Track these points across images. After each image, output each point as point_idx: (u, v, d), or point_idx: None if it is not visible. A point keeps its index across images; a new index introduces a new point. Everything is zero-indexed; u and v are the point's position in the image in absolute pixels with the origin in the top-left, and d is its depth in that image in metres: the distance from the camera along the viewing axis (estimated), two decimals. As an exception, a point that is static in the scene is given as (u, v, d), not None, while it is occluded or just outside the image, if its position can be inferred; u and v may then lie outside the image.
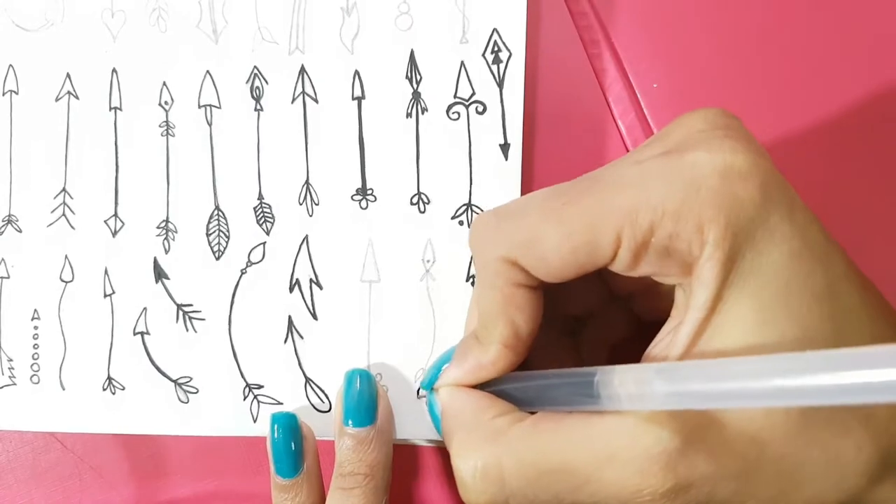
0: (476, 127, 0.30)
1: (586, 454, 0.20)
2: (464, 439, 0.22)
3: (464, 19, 0.31)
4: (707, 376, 0.17)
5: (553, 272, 0.21)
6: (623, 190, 0.20)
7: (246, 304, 0.31)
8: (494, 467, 0.21)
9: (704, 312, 0.19)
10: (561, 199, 0.21)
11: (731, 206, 0.19)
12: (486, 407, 0.23)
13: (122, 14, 0.32)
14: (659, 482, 0.19)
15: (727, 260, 0.19)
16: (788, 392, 0.15)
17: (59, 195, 0.32)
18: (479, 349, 0.23)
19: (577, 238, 0.20)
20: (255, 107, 0.31)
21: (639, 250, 0.20)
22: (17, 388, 0.32)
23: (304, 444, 0.29)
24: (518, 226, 0.21)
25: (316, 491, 0.29)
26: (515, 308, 0.22)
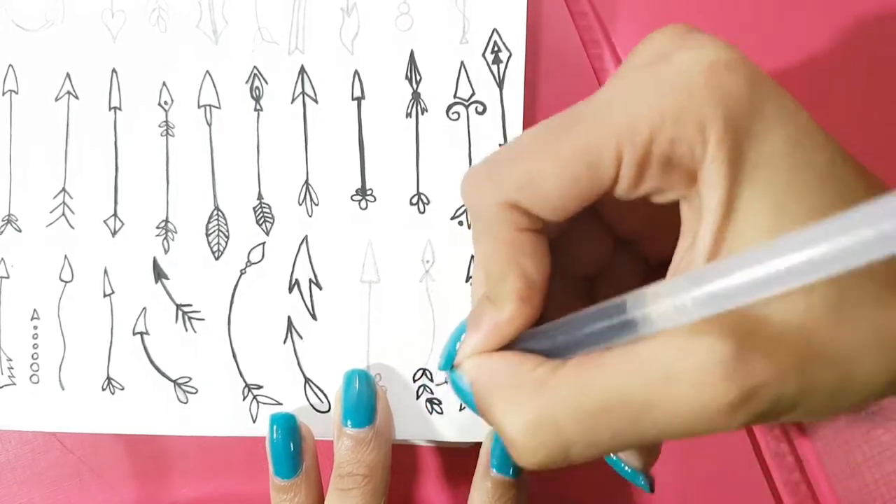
0: (476, 127, 0.30)
1: (639, 381, 0.18)
2: (505, 399, 0.20)
3: (464, 19, 0.31)
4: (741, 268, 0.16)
5: (556, 207, 0.20)
6: (616, 107, 0.19)
7: (245, 304, 0.31)
8: (547, 418, 0.19)
9: (720, 213, 0.19)
10: (553, 131, 0.20)
11: (726, 101, 0.18)
12: (521, 362, 0.21)
13: (122, 14, 0.32)
14: (722, 393, 0.18)
15: (732, 156, 0.18)
16: (827, 260, 0.15)
17: (58, 195, 0.32)
18: (493, 309, 0.22)
19: (577, 164, 0.19)
20: (255, 107, 0.31)
21: (641, 163, 0.19)
22: (16, 387, 0.32)
23: (302, 445, 0.29)
24: (512, 167, 0.20)
25: (315, 491, 0.29)
26: (523, 256, 0.21)
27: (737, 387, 0.18)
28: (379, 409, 0.29)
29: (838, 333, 0.19)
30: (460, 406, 0.30)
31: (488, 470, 0.29)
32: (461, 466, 0.33)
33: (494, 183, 0.21)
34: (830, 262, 0.15)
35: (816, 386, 0.19)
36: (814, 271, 0.15)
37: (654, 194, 0.20)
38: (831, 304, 0.18)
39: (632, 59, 0.21)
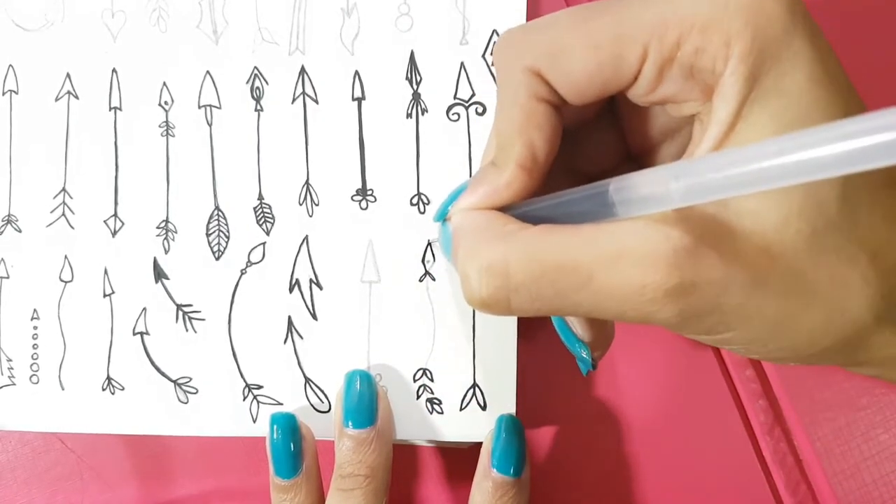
0: (476, 128, 0.30)
1: (593, 251, 0.19)
2: (471, 242, 0.22)
3: (464, 20, 0.31)
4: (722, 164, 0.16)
5: (577, 87, 0.21)
6: (652, 4, 0.20)
7: (246, 304, 0.31)
8: (500, 262, 0.20)
9: (724, 127, 0.19)
10: (589, 11, 0.20)
11: (758, 22, 0.19)
12: (498, 218, 0.22)
13: (122, 14, 0.32)
14: (663, 278, 0.18)
15: (751, 75, 0.19)
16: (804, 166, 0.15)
17: (58, 195, 0.32)
18: (495, 172, 0.22)
19: (604, 51, 0.20)
20: (256, 107, 0.31)
21: (664, 66, 0.20)
22: (16, 388, 0.32)
23: (303, 445, 0.29)
24: (545, 37, 0.21)
25: (315, 491, 0.29)
26: (534, 126, 0.22)
27: (678, 276, 0.18)
28: (380, 409, 0.29)
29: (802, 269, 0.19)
30: (460, 406, 0.30)
31: (489, 470, 0.29)
32: (461, 466, 0.33)
33: (525, 46, 0.21)
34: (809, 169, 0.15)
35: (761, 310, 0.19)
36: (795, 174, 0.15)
37: (670, 103, 0.21)
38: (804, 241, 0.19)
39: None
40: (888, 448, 0.31)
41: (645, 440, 0.32)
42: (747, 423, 0.32)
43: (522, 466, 0.29)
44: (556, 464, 0.33)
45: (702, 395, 0.32)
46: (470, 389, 0.30)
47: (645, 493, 0.32)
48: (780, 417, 0.32)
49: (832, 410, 0.32)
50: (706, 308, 0.19)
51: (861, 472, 0.31)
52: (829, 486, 0.31)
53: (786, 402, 0.32)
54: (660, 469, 0.32)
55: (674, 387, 0.33)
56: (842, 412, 0.32)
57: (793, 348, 0.20)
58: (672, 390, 0.33)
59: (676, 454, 0.32)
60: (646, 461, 0.32)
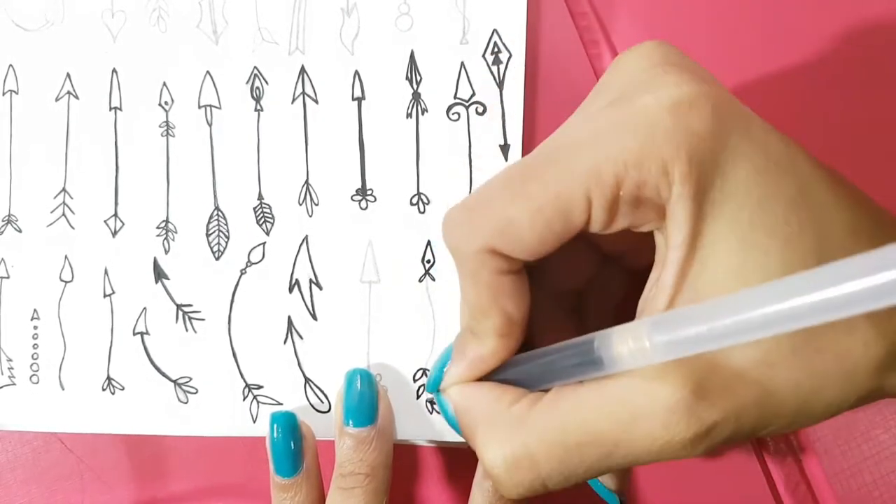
0: (476, 128, 0.30)
1: (609, 421, 0.20)
2: (487, 434, 0.22)
3: (464, 20, 0.31)
4: (698, 319, 0.17)
5: (532, 250, 0.21)
6: (581, 151, 0.20)
7: (246, 304, 0.31)
8: (524, 456, 0.21)
9: (684, 250, 0.19)
10: (523, 177, 0.21)
11: (689, 140, 0.19)
12: (500, 396, 0.23)
13: (122, 14, 0.32)
14: (684, 430, 0.19)
15: (696, 194, 0.19)
16: (780, 318, 0.15)
17: (59, 195, 0.32)
18: (477, 342, 0.23)
19: (548, 211, 0.20)
20: (256, 107, 0.31)
21: (611, 206, 0.20)
22: (16, 387, 0.32)
23: (303, 444, 0.29)
24: (488, 214, 0.21)
25: (315, 490, 0.29)
26: (504, 296, 0.22)
27: (696, 424, 0.19)
28: (381, 408, 0.29)
29: (803, 362, 0.19)
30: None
31: None
32: (462, 466, 0.33)
33: (472, 229, 0.21)
34: (787, 320, 0.16)
35: (777, 414, 0.20)
36: (770, 326, 0.16)
37: (630, 227, 0.21)
38: (798, 336, 0.19)
39: (598, 91, 0.22)
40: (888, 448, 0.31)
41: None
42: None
43: None
44: (556, 464, 0.33)
45: (702, 394, 0.32)
46: (470, 389, 0.30)
47: (645, 493, 0.32)
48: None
49: (832, 410, 0.32)
50: (730, 434, 0.20)
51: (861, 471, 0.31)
52: (829, 486, 0.31)
53: (786, 401, 0.32)
54: (659, 469, 0.32)
55: (674, 387, 0.33)
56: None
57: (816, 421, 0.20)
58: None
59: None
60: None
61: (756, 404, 0.19)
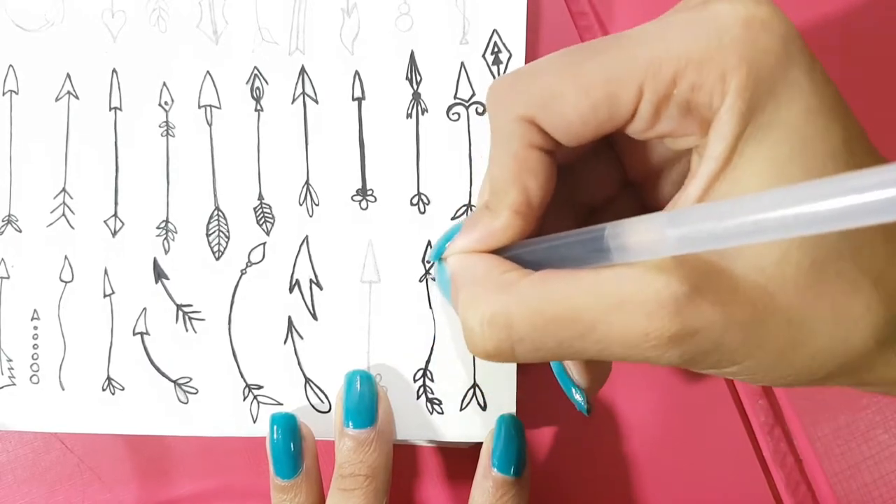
0: (476, 127, 0.30)
1: (594, 300, 0.19)
2: (472, 292, 0.22)
3: (464, 20, 0.31)
4: (718, 214, 0.16)
5: (572, 131, 0.21)
6: (645, 43, 0.19)
7: (246, 304, 0.31)
8: (502, 314, 0.21)
9: (720, 163, 0.19)
10: (581, 55, 0.20)
11: (753, 56, 0.18)
12: (495, 265, 0.22)
13: (122, 14, 0.32)
14: (665, 325, 0.19)
15: (747, 110, 0.19)
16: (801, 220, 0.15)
17: (59, 195, 0.32)
18: (490, 216, 0.23)
19: (598, 92, 0.20)
20: (256, 107, 0.31)
21: (660, 103, 0.19)
22: (16, 388, 0.32)
23: (303, 445, 0.29)
24: (537, 83, 0.21)
25: (315, 491, 0.29)
26: (529, 173, 0.22)
27: (680, 323, 0.18)
28: (380, 409, 0.29)
29: (803, 302, 0.19)
30: (460, 406, 0.30)
31: (489, 469, 0.29)
32: (462, 466, 0.33)
33: (516, 95, 0.21)
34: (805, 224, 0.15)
35: (763, 344, 0.19)
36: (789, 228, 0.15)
37: (668, 138, 0.21)
38: (804, 274, 0.19)
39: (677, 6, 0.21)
40: (888, 448, 0.31)
41: (645, 440, 0.32)
42: (747, 423, 0.32)
43: (523, 466, 0.29)
44: (556, 464, 0.33)
45: (702, 395, 0.32)
46: (470, 389, 0.30)
47: (645, 494, 0.32)
48: (780, 417, 0.32)
49: (832, 410, 0.32)
50: (709, 349, 0.19)
51: (861, 472, 0.31)
52: (829, 486, 0.31)
53: (786, 402, 0.32)
54: (660, 469, 0.32)
55: (673, 387, 0.33)
56: (842, 412, 0.32)
57: (796, 375, 0.20)
58: (672, 391, 0.33)
59: (676, 454, 0.32)
60: (646, 461, 0.32)
61: (744, 325, 0.19)
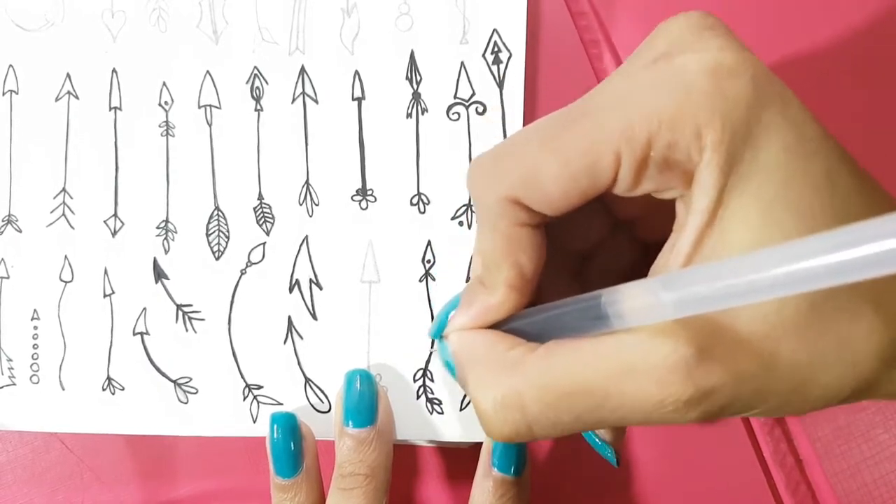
0: (476, 127, 0.30)
1: (602, 372, 0.19)
2: (480, 374, 0.22)
3: (464, 20, 0.31)
4: (711, 277, 0.16)
5: (556, 204, 0.21)
6: (616, 107, 0.19)
7: (246, 304, 0.31)
8: (514, 396, 0.21)
9: (706, 217, 0.19)
10: (555, 129, 0.20)
11: (724, 107, 0.18)
12: (499, 342, 0.22)
13: (122, 14, 0.32)
14: (679, 391, 0.19)
15: (726, 163, 0.19)
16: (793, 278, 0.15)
17: (59, 195, 0.32)
18: (485, 293, 0.23)
19: (576, 164, 0.20)
20: (256, 107, 0.31)
21: (639, 166, 0.19)
22: (16, 388, 0.32)
23: (303, 444, 0.29)
24: (516, 162, 0.21)
25: (315, 491, 0.29)
26: (519, 249, 0.22)
27: (693, 387, 0.19)
28: (380, 409, 0.29)
29: (806, 342, 0.19)
30: (460, 406, 0.30)
31: (489, 469, 0.29)
32: (462, 466, 0.33)
33: (497, 176, 0.21)
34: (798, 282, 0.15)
35: (774, 390, 0.19)
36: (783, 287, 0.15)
37: (653, 193, 0.21)
38: (804, 314, 0.19)
39: (641, 52, 0.21)
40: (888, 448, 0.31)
41: (644, 440, 0.32)
42: (747, 423, 0.32)
43: (523, 466, 0.29)
44: (556, 464, 0.33)
45: (702, 394, 0.32)
46: (470, 389, 0.30)
47: (645, 493, 0.32)
48: (780, 418, 0.32)
49: (832, 410, 0.32)
50: (725, 404, 0.19)
51: (861, 472, 0.31)
52: (829, 486, 0.31)
53: (786, 401, 0.32)
54: (660, 469, 0.32)
55: (674, 387, 0.33)
56: (842, 412, 0.32)
57: (812, 406, 0.20)
58: (672, 390, 0.33)
59: (676, 454, 0.32)
60: (646, 461, 0.32)
61: (755, 376, 0.19)
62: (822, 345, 0.19)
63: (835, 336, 0.19)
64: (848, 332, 0.19)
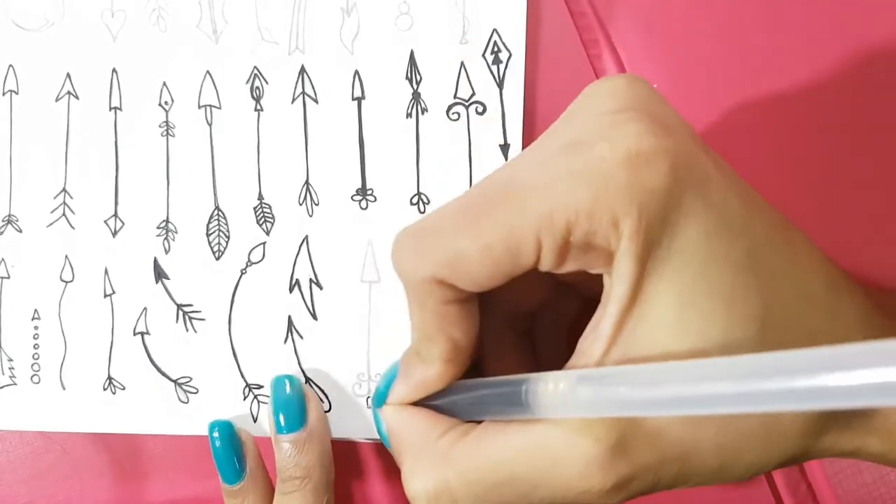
0: (476, 127, 0.30)
1: (528, 464, 0.20)
2: (412, 463, 0.23)
3: (464, 19, 0.31)
4: (627, 383, 0.17)
5: (480, 283, 0.21)
6: (535, 194, 0.20)
7: (246, 304, 0.31)
8: (444, 490, 0.22)
9: (623, 304, 0.19)
10: (475, 212, 0.20)
11: (641, 198, 0.19)
12: (431, 426, 0.23)
13: (122, 14, 0.32)
14: (601, 482, 0.19)
15: (642, 251, 0.19)
16: (701, 400, 0.16)
17: (59, 195, 0.32)
18: (422, 365, 0.23)
19: (498, 248, 0.20)
20: (255, 107, 0.31)
21: (560, 250, 0.20)
22: (17, 387, 0.32)
23: (243, 450, 0.30)
24: (437, 244, 0.21)
25: (263, 493, 0.30)
26: (450, 324, 0.22)
27: (614, 477, 0.19)
28: (310, 409, 0.29)
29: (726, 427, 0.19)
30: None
31: None
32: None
33: (420, 258, 0.21)
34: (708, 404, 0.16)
35: (696, 472, 0.20)
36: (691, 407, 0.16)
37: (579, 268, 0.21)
38: None
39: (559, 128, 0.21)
40: (888, 448, 0.31)
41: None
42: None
43: None
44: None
45: (702, 394, 0.32)
46: (470, 389, 0.30)
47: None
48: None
49: (832, 410, 0.32)
50: (648, 487, 0.20)
51: (861, 472, 0.31)
52: (829, 486, 0.31)
53: (786, 401, 0.32)
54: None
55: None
56: (842, 412, 0.31)
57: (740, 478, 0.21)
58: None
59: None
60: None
61: (677, 461, 0.19)
62: (745, 428, 0.19)
63: (757, 419, 0.19)
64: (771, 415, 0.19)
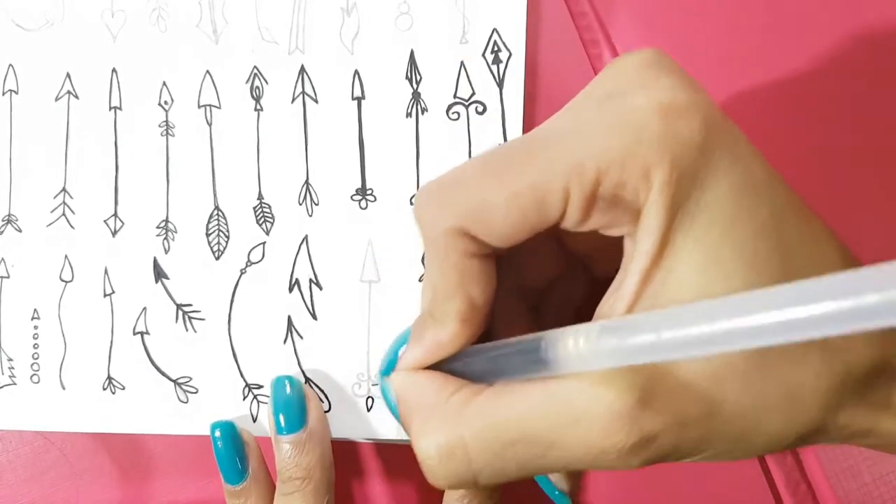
0: (476, 127, 0.30)
1: (547, 421, 0.19)
2: (422, 423, 0.21)
3: (464, 19, 0.31)
4: (653, 327, 0.16)
5: (504, 236, 0.20)
6: (566, 143, 0.19)
7: (246, 304, 0.31)
8: (458, 446, 0.20)
9: (650, 258, 0.19)
10: (504, 161, 0.20)
11: (674, 149, 0.18)
12: (442, 386, 0.22)
13: (122, 14, 0.32)
14: (623, 438, 0.19)
15: (672, 203, 0.18)
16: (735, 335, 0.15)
17: (59, 195, 0.32)
18: (436, 327, 0.22)
19: (525, 198, 0.19)
20: (255, 107, 0.31)
21: (587, 203, 0.19)
22: (17, 387, 0.32)
23: (245, 450, 0.30)
24: (463, 194, 0.20)
25: (265, 493, 0.30)
26: (470, 280, 0.22)
27: (636, 434, 0.19)
28: (310, 410, 0.29)
29: (752, 387, 0.19)
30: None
31: None
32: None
33: (445, 207, 0.21)
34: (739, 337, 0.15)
35: (718, 437, 0.19)
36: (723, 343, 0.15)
37: (602, 229, 0.21)
38: (750, 358, 0.19)
39: (592, 88, 0.21)
40: (888, 448, 0.31)
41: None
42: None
43: None
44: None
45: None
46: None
47: (644, 492, 0.32)
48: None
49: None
50: (669, 450, 0.19)
51: (861, 471, 0.31)
52: (829, 486, 0.31)
53: (786, 401, 0.32)
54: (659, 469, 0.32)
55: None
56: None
57: (756, 453, 0.20)
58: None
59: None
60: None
61: (699, 422, 0.19)
62: (767, 391, 0.19)
63: (780, 382, 0.19)
64: (793, 377, 0.19)
